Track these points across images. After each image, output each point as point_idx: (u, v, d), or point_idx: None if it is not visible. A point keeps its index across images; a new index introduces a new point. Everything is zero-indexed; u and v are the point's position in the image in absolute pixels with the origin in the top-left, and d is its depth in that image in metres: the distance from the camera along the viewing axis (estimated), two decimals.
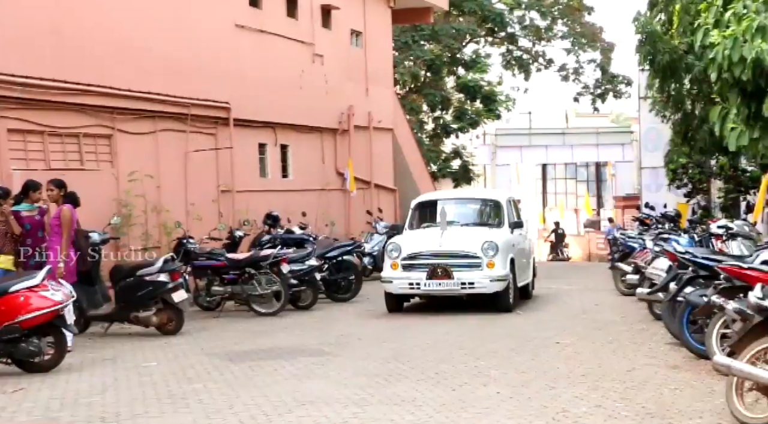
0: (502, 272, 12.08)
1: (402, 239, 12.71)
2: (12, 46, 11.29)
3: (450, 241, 12.21)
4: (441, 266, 11.97)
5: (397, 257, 12.26)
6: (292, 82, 17.83)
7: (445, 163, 32.80)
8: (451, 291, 12.09)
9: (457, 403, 6.82)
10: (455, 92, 32.78)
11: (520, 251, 13.17)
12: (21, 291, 8.32)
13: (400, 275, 12.18)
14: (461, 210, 13.54)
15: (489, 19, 31.64)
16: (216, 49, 15.52)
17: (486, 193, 15.57)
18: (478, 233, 12.52)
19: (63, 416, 6.62)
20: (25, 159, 11.71)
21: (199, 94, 14.98)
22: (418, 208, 13.65)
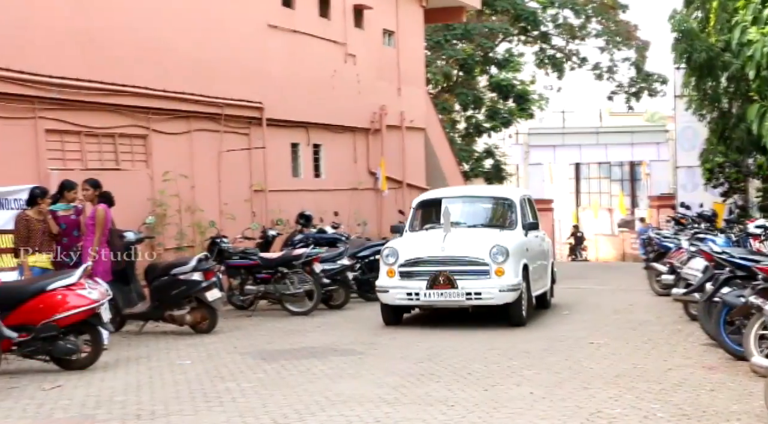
0: (513, 280, 10.62)
1: (400, 243, 11.22)
2: (50, 49, 11.44)
3: (454, 245, 10.80)
4: (443, 274, 10.54)
5: (393, 263, 10.83)
6: (324, 82, 17.88)
7: (478, 162, 32.68)
8: (455, 302, 10.65)
9: (490, 403, 6.79)
10: (488, 91, 32.65)
11: (535, 256, 11.82)
12: (58, 289, 8.44)
13: (397, 284, 10.78)
14: (468, 210, 12.13)
15: (522, 18, 31.46)
16: (249, 50, 15.60)
17: (496, 191, 13.52)
18: (487, 236, 11.07)
19: (99, 413, 6.69)
20: (62, 159, 11.86)
21: (232, 95, 15.07)
22: (420, 207, 12.22)
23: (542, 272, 12.33)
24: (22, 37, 11.05)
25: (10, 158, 10.93)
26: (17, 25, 11.00)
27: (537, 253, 12.00)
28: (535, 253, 11.81)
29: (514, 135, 42.21)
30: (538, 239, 12.29)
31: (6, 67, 10.82)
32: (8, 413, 6.73)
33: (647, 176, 42.64)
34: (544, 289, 12.49)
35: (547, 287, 12.66)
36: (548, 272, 12.82)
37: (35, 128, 11.43)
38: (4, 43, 10.80)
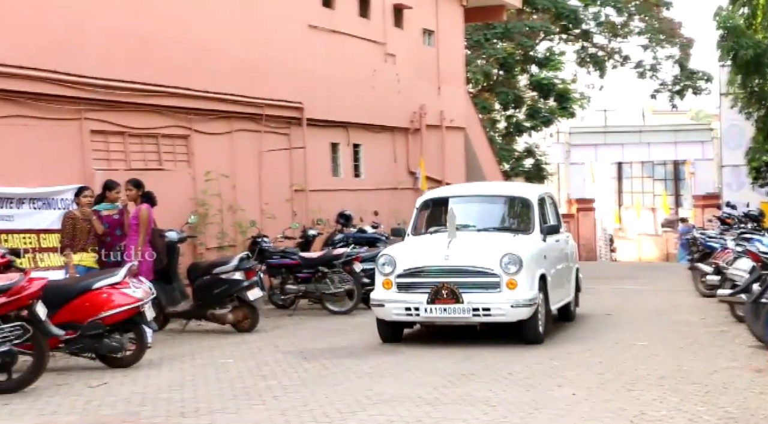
0: (527, 294, 9.24)
1: (398, 250, 9.88)
2: (95, 51, 11.61)
3: (459, 252, 9.43)
4: (446, 286, 9.16)
5: (390, 272, 9.48)
6: (364, 81, 17.91)
7: (518, 162, 32.50)
8: (460, 319, 9.28)
9: (531, 404, 6.74)
10: (528, 90, 32.46)
11: (555, 263, 10.43)
12: (104, 288, 8.56)
13: (394, 297, 9.43)
14: (478, 211, 10.68)
15: (563, 16, 31.19)
16: (289, 50, 15.69)
17: (511, 189, 11.58)
18: (498, 242, 9.67)
19: (144, 410, 6.77)
20: (107, 159, 12.03)
21: (272, 95, 15.17)
22: (425, 207, 10.77)
23: (564, 281, 10.92)
24: (68, 40, 11.24)
25: (56, 159, 11.12)
26: (64, 28, 11.18)
27: (558, 259, 10.63)
28: (555, 260, 10.46)
29: (555, 134, 41.95)
30: (559, 244, 10.85)
31: (53, 70, 11.01)
32: (56, 409, 6.85)
33: (691, 175, 42.05)
34: (567, 299, 11.04)
35: (570, 297, 11.18)
36: (572, 279, 11.40)
37: (81, 129, 11.62)
38: (51, 47, 10.99)
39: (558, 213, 11.45)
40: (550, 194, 11.47)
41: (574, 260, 11.73)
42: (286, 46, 15.60)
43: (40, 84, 10.88)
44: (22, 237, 10.49)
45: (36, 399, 7.17)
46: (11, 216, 10.41)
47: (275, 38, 15.34)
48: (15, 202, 10.46)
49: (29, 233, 10.60)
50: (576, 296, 11.66)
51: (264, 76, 14.91)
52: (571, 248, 11.65)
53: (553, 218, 10.95)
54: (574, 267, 11.67)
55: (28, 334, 7.42)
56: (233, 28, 14.35)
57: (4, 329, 7.38)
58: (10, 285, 7.40)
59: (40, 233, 10.68)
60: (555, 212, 11.25)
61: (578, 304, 11.82)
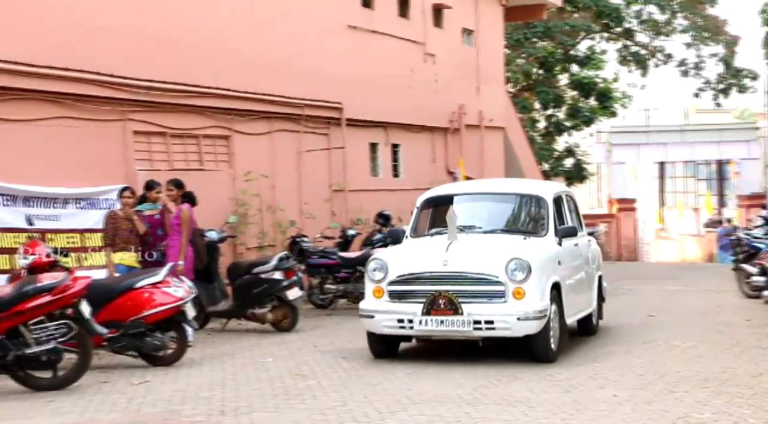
0: (536, 304, 8.15)
1: (391, 254, 8.86)
2: (137, 52, 11.76)
3: (459, 257, 8.35)
4: (444, 295, 8.13)
5: (381, 279, 8.43)
6: (403, 81, 17.90)
7: (558, 161, 32.24)
8: (459, 333, 8.19)
9: (573, 405, 6.68)
10: (569, 90, 32.19)
11: (572, 270, 9.34)
12: (145, 287, 8.67)
13: (386, 307, 8.39)
14: (486, 210, 9.59)
15: (604, 15, 30.87)
16: (329, 51, 15.74)
17: (523, 187, 10.18)
18: (505, 246, 8.57)
19: (185, 409, 6.83)
20: (149, 160, 12.18)
21: (312, 95, 15.23)
22: (426, 206, 9.70)
23: (583, 290, 9.83)
24: (111, 42, 11.39)
25: (100, 159, 11.29)
26: (107, 31, 11.34)
27: (576, 265, 9.56)
28: (572, 266, 9.38)
29: (596, 134, 41.52)
30: (578, 248, 9.76)
31: (97, 71, 11.18)
32: (99, 407, 6.94)
33: (736, 175, 41.36)
34: (587, 311, 9.89)
35: (591, 308, 10.01)
36: (593, 288, 10.24)
37: (124, 130, 11.77)
38: (94, 48, 11.15)
39: (578, 214, 10.35)
40: (569, 193, 10.30)
41: (596, 266, 10.54)
42: (325, 46, 15.66)
43: (84, 86, 11.05)
44: (67, 237, 10.68)
45: (80, 397, 7.27)
46: (57, 216, 10.61)
47: (315, 39, 15.40)
48: (60, 202, 10.66)
49: (74, 233, 10.79)
50: (599, 306, 10.47)
51: (304, 77, 14.98)
52: (593, 253, 10.50)
53: (572, 220, 9.81)
54: (597, 274, 10.46)
55: (73, 332, 7.54)
56: (274, 30, 14.43)
57: (49, 327, 7.51)
58: (56, 284, 7.52)
59: (84, 233, 10.87)
60: (574, 212, 10.15)
61: (602, 316, 10.58)
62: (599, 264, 10.71)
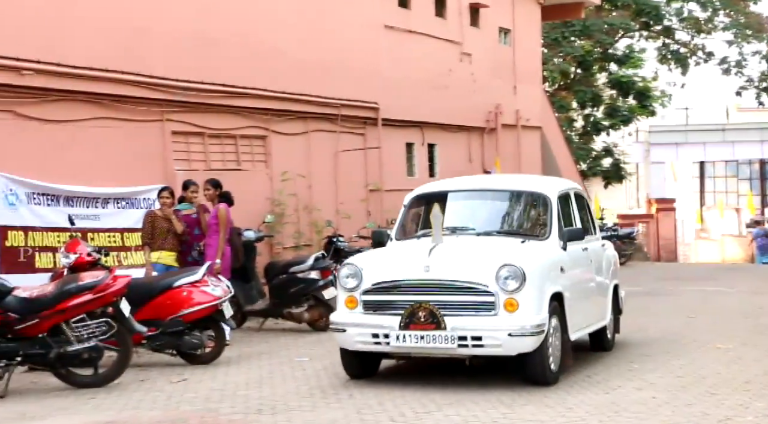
0: (532, 318, 7.09)
1: (367, 259, 7.79)
2: (176, 54, 11.89)
3: (444, 263, 7.29)
4: (425, 307, 7.08)
5: (354, 287, 7.40)
6: (439, 81, 17.88)
7: (596, 161, 31.96)
8: (441, 350, 7.15)
9: (610, 406, 6.61)
10: (607, 88, 31.89)
11: (579, 279, 8.19)
12: (184, 286, 8.76)
13: (359, 320, 7.36)
14: (481, 210, 8.50)
15: (644, 13, 30.54)
16: (365, 51, 15.77)
17: (524, 183, 9.04)
18: (496, 250, 7.51)
19: (222, 407, 6.89)
20: (187, 160, 12.30)
21: (348, 95, 15.27)
22: (415, 205, 8.61)
23: (594, 301, 8.72)
24: (150, 44, 11.53)
25: (139, 159, 11.43)
26: (147, 32, 11.48)
27: (583, 273, 8.41)
28: (579, 274, 8.23)
29: (634, 133, 41.07)
30: (587, 253, 8.55)
31: (137, 72, 11.32)
32: (138, 404, 7.02)
33: None
34: (600, 323, 8.81)
35: (604, 321, 8.91)
36: (607, 299, 9.08)
37: (162, 130, 11.91)
38: (134, 50, 11.30)
39: (591, 215, 9.27)
40: (579, 191, 9.13)
41: (612, 273, 9.32)
42: (362, 46, 15.69)
43: (124, 87, 11.20)
44: (108, 236, 10.83)
45: (120, 394, 7.37)
46: (97, 215, 10.77)
47: (352, 39, 15.43)
48: (101, 201, 10.82)
49: (114, 232, 10.94)
50: (615, 319, 9.35)
51: (340, 77, 15.02)
52: (608, 259, 9.28)
53: (582, 221, 8.68)
54: (612, 283, 9.25)
55: (113, 330, 7.65)
56: (311, 30, 14.49)
57: (90, 325, 7.62)
58: (97, 282, 7.63)
59: (123, 232, 11.02)
60: (586, 213, 9.07)
61: (618, 330, 9.47)
62: (616, 271, 9.49)
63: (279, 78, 13.73)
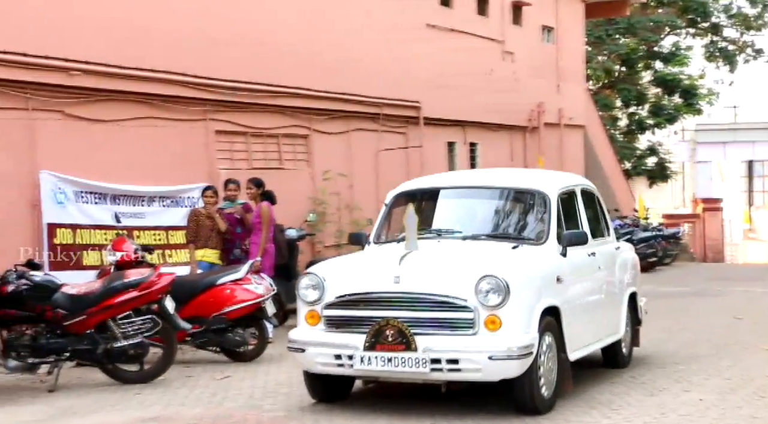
0: (518, 338, 6.07)
1: (332, 267, 6.79)
2: (220, 53, 11.99)
3: (416, 273, 6.30)
4: (393, 324, 6.11)
5: (316, 301, 6.48)
6: (481, 80, 17.80)
7: (640, 160, 31.56)
8: (412, 375, 6.17)
9: (656, 408, 6.52)
10: (652, 87, 31.47)
11: (582, 289, 7.18)
12: (227, 284, 8.83)
13: (321, 338, 6.43)
14: (471, 210, 7.46)
15: (691, 10, 30.08)
16: (407, 50, 15.76)
17: (521, 180, 7.84)
18: (479, 258, 6.50)
19: (265, 404, 6.93)
20: (230, 159, 12.41)
21: (390, 94, 15.27)
22: (400, 204, 7.41)
23: (603, 313, 7.64)
24: (195, 44, 11.65)
25: (183, 159, 11.56)
26: (192, 32, 11.60)
27: (589, 282, 7.38)
28: (582, 283, 7.22)
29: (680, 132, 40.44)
30: (594, 259, 7.48)
31: (182, 72, 11.45)
32: (183, 401, 7.09)
33: None
34: (612, 338, 7.81)
35: (618, 335, 7.92)
36: (620, 309, 8.03)
37: (206, 130, 12.03)
38: (180, 50, 11.42)
39: (603, 214, 8.18)
40: (588, 188, 8.03)
41: (629, 280, 8.29)
42: (404, 45, 15.68)
43: (169, 86, 11.34)
44: (153, 234, 10.97)
45: (165, 390, 7.46)
46: (143, 213, 10.91)
47: (394, 38, 15.44)
48: (146, 200, 10.96)
49: (159, 230, 11.08)
50: (633, 332, 8.35)
51: (382, 76, 15.03)
52: (623, 263, 8.22)
53: (591, 221, 7.67)
54: (628, 291, 8.21)
55: (158, 327, 7.74)
56: (353, 30, 14.52)
57: (136, 322, 7.73)
58: (142, 280, 7.73)
59: (168, 230, 11.16)
60: (596, 212, 8.01)
61: (638, 343, 8.46)
62: (634, 277, 8.44)
63: (321, 77, 13.78)
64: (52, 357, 7.56)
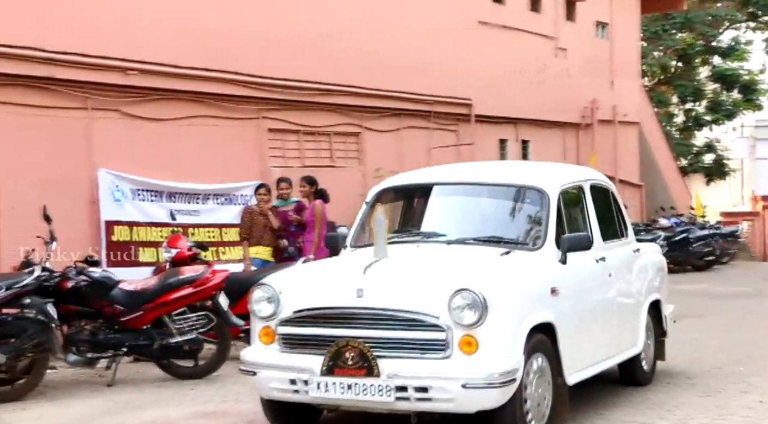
0: (499, 362, 5.13)
1: (291, 276, 5.93)
2: (272, 52, 12.10)
3: (382, 285, 5.36)
4: (354, 345, 5.19)
5: (270, 316, 5.53)
6: (533, 76, 17.65)
7: (697, 157, 31.00)
8: (374, 404, 5.25)
9: (714, 410, 6.39)
10: (709, 82, 30.88)
11: (586, 300, 6.17)
12: None
13: (275, 360, 5.48)
14: (460, 210, 6.59)
15: (751, 3, 29.42)
16: (459, 47, 15.70)
17: (518, 175, 6.76)
18: (458, 267, 5.57)
19: None
20: (282, 157, 12.52)
21: (441, 92, 15.24)
22: (385, 201, 6.54)
23: (615, 325, 6.67)
24: (248, 43, 11.77)
25: (237, 157, 11.69)
26: (244, 32, 11.72)
27: (593, 292, 6.35)
28: (585, 293, 6.20)
29: (739, 128, 39.59)
30: (604, 265, 6.50)
31: (235, 71, 11.58)
32: (237, 396, 7.14)
33: None
34: (628, 353, 6.89)
35: (636, 349, 7.00)
36: (638, 321, 7.07)
37: (259, 128, 12.15)
38: (233, 50, 11.56)
39: (620, 212, 7.25)
40: (599, 182, 7.09)
41: (651, 286, 7.35)
42: (456, 43, 15.63)
43: (224, 85, 11.48)
44: (207, 231, 11.12)
45: (219, 386, 7.54)
46: (197, 211, 11.07)
47: (445, 36, 15.39)
48: (201, 197, 11.12)
49: (213, 228, 11.22)
50: (658, 344, 7.48)
51: (434, 74, 15.00)
52: (643, 268, 7.26)
53: (602, 221, 6.72)
54: (648, 299, 7.25)
55: (212, 323, 7.85)
56: (405, 27, 14.52)
57: (190, 318, 7.84)
58: (197, 277, 7.84)
59: (222, 228, 11.29)
60: (611, 210, 7.10)
61: (663, 356, 7.61)
62: (659, 282, 7.54)
63: (373, 75, 13.81)
64: (110, 352, 7.70)
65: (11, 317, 7.19)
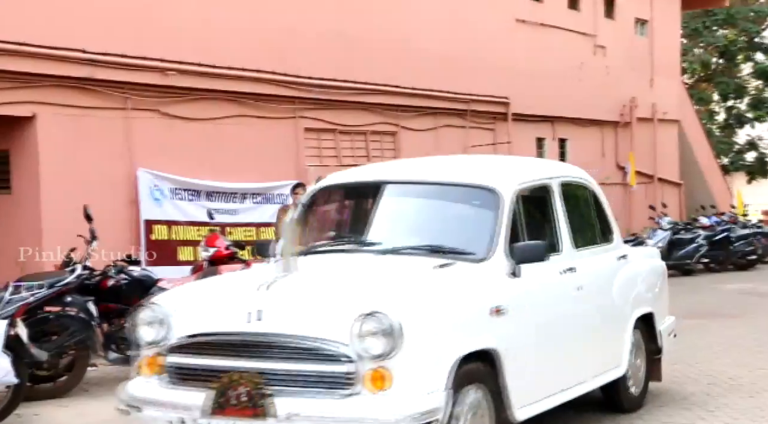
0: (417, 401, 4.16)
1: (186, 294, 4.92)
2: (309, 52, 12.17)
3: (282, 307, 4.40)
4: (245, 379, 4.25)
5: (157, 342, 4.61)
6: (571, 74, 17.52)
7: (738, 155, 30.54)
8: None
9: (756, 411, 6.29)
10: (752, 79, 30.39)
11: (541, 320, 5.14)
12: None
13: (159, 396, 4.52)
14: (404, 213, 5.61)
15: None
16: (496, 45, 15.64)
17: (469, 174, 5.61)
18: (375, 283, 4.63)
19: None
20: (318, 156, 12.58)
21: (478, 90, 15.19)
22: (318, 203, 5.85)
23: (589, 346, 5.67)
24: (285, 43, 11.85)
25: (274, 156, 11.78)
26: (280, 31, 11.81)
27: (555, 309, 5.32)
28: (546, 312, 5.21)
29: None
30: (572, 276, 5.52)
31: (272, 71, 11.66)
32: None
33: None
34: (606, 376, 5.88)
35: (618, 371, 5.99)
36: (622, 338, 6.08)
37: (295, 127, 12.21)
38: (270, 49, 11.64)
39: (603, 215, 6.33)
40: (573, 180, 6.14)
41: (638, 300, 6.31)
42: (492, 41, 15.57)
43: (261, 85, 11.57)
44: (244, 230, 11.21)
45: None
46: (235, 210, 11.17)
47: (483, 34, 15.35)
48: (238, 197, 11.22)
49: (250, 227, 11.32)
50: (653, 362, 6.57)
51: (470, 72, 14.96)
52: (629, 278, 6.25)
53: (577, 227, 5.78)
54: (635, 313, 6.25)
55: None
56: (440, 25, 14.51)
57: None
58: None
59: (259, 227, 11.38)
60: (590, 213, 6.23)
61: (660, 377, 6.67)
62: (652, 294, 6.57)
63: (410, 74, 13.81)
64: None
65: (53, 315, 7.30)
